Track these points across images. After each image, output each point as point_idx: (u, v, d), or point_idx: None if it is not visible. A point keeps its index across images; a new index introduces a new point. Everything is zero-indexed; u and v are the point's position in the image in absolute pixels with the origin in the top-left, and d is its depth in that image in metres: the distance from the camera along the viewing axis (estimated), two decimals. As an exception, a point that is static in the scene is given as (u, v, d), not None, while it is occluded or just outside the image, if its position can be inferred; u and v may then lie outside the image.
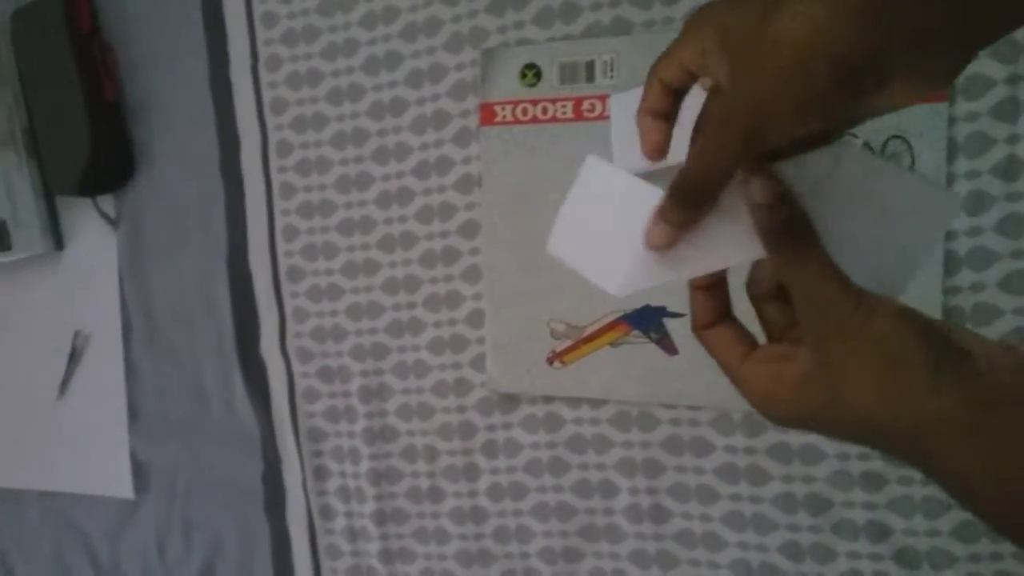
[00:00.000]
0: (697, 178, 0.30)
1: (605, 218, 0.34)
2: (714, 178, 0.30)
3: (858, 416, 0.29)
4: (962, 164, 0.55)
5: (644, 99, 0.35)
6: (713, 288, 0.35)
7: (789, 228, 0.30)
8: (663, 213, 0.31)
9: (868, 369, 0.28)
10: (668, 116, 0.35)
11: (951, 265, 0.56)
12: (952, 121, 0.55)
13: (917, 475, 0.58)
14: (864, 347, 0.28)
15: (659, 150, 0.35)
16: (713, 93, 0.30)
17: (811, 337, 0.30)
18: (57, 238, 0.81)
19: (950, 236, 0.56)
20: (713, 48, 0.30)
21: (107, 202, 0.79)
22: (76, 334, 0.81)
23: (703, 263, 0.33)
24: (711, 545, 0.63)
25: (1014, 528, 0.27)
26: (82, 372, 0.82)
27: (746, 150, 0.29)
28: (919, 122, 0.56)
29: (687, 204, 0.31)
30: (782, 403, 0.32)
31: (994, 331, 0.55)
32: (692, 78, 0.33)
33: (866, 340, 0.28)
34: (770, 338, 0.35)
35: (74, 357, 0.81)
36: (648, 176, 0.33)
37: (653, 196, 0.32)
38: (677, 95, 0.35)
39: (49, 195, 0.80)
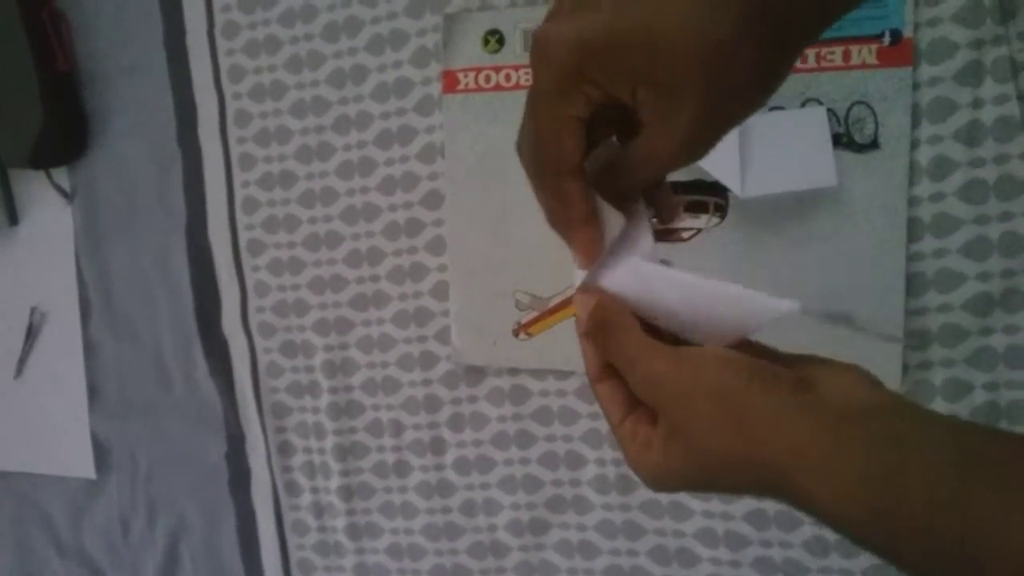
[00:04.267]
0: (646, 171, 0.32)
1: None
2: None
3: (719, 464, 0.30)
4: (925, 129, 0.55)
5: (561, 149, 0.32)
6: None
7: (603, 325, 0.33)
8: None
9: (713, 419, 0.29)
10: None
11: (914, 231, 0.56)
12: (916, 86, 0.55)
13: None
14: (701, 402, 0.30)
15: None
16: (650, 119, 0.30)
17: (656, 408, 0.32)
18: (10, 213, 0.79)
19: (913, 202, 0.56)
20: (616, 77, 0.29)
21: (61, 175, 0.76)
22: (32, 311, 0.79)
23: None
24: (677, 515, 0.63)
25: (878, 543, 0.27)
26: (39, 350, 0.80)
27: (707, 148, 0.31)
28: (883, 87, 0.55)
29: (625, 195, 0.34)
30: (653, 467, 0.32)
31: (958, 297, 0.55)
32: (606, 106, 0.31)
33: (700, 396, 0.30)
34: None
35: (31, 334, 0.79)
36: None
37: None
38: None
39: (1, 168, 0.78)
